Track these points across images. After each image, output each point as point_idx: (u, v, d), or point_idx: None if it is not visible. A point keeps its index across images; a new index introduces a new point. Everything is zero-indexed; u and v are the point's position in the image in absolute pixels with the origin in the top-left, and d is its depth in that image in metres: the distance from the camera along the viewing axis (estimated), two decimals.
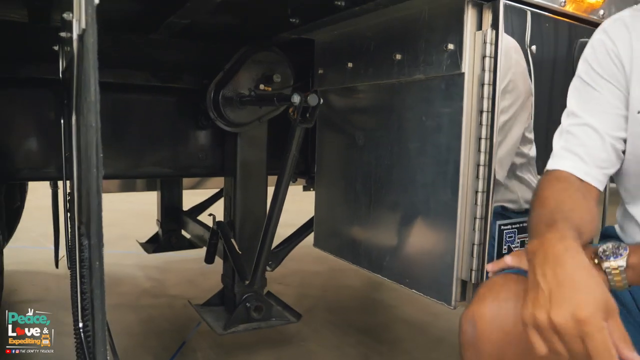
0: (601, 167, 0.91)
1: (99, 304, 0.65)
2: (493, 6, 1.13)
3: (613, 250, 0.78)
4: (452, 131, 1.17)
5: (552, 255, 0.70)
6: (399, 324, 2.53)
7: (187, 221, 2.51)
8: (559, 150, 0.95)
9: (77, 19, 0.66)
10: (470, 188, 1.14)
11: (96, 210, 0.64)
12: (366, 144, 1.48)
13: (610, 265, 0.77)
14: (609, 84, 0.92)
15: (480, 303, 0.81)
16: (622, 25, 0.92)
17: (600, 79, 0.93)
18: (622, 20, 0.93)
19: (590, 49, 0.96)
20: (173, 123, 1.96)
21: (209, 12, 1.42)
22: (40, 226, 3.71)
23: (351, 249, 1.54)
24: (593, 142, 0.91)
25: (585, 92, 0.94)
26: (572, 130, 0.94)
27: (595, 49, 0.94)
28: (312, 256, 3.34)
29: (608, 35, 0.93)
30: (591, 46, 0.96)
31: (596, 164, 0.91)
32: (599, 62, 0.93)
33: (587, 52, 0.96)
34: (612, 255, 0.78)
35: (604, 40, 0.93)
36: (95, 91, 0.62)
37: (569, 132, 0.94)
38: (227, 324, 1.76)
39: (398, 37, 1.33)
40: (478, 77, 1.13)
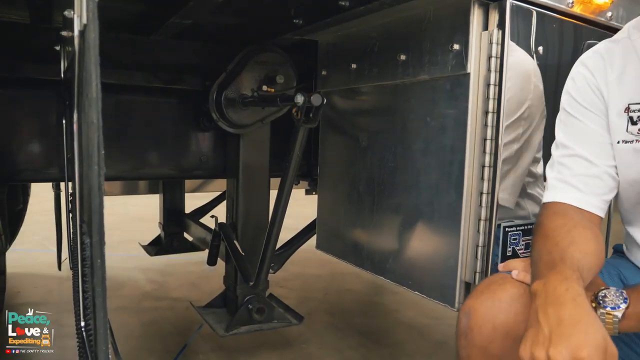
0: (598, 194, 0.92)
1: (101, 302, 0.64)
2: (499, 6, 1.12)
3: (613, 299, 0.81)
4: (457, 132, 1.16)
5: (553, 296, 0.72)
6: (401, 327, 2.51)
7: (189, 224, 2.51)
8: (553, 181, 0.96)
9: (79, 15, 0.66)
10: (475, 189, 1.13)
11: (97, 208, 0.63)
12: (370, 145, 1.47)
13: (607, 313, 0.80)
14: (592, 114, 0.94)
15: (476, 298, 0.88)
16: (599, 58, 0.96)
17: (583, 109, 0.95)
18: (599, 53, 0.97)
19: (571, 81, 0.99)
20: (175, 124, 1.95)
21: (211, 12, 1.41)
22: (43, 229, 3.70)
23: (354, 251, 1.53)
24: (587, 171, 0.93)
25: (571, 124, 0.96)
26: (564, 161, 0.95)
27: (576, 82, 0.97)
28: (314, 260, 3.32)
29: (587, 68, 0.96)
30: (572, 79, 0.99)
31: (593, 191, 0.92)
32: (581, 94, 0.96)
33: (569, 85, 0.99)
34: (610, 305, 0.81)
35: (584, 72, 0.97)
36: (96, 87, 0.61)
37: (560, 163, 0.96)
38: (229, 325, 1.75)
39: (403, 37, 1.32)
40: (484, 77, 1.12)
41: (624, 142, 0.91)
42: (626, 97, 0.91)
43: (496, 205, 1.11)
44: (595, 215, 0.92)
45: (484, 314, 0.85)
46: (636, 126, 0.90)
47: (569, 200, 0.92)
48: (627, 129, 0.91)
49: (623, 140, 0.91)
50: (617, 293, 0.82)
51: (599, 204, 0.92)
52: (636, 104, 0.90)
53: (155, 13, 1.57)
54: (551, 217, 0.91)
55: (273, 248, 1.63)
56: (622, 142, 0.92)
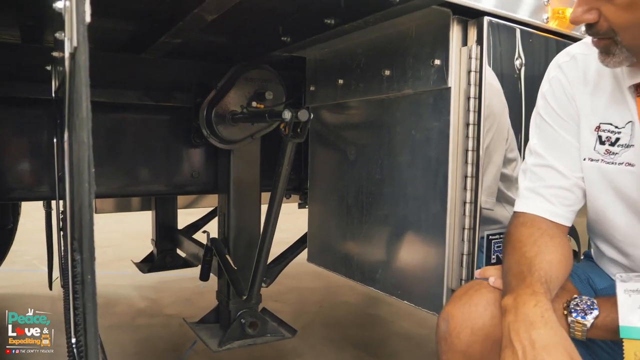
0: (567, 205, 0.95)
1: (91, 318, 0.65)
2: (477, 23, 1.16)
3: (584, 308, 0.85)
4: (441, 144, 1.19)
5: (523, 314, 0.77)
6: (396, 338, 2.52)
7: (182, 240, 2.51)
8: (524, 191, 0.98)
9: (69, 38, 0.68)
10: (458, 199, 1.15)
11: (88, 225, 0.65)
12: (357, 158, 1.50)
13: (576, 321, 0.84)
14: (567, 123, 0.95)
15: (454, 304, 0.91)
16: (575, 66, 0.96)
17: (559, 118, 0.96)
18: (575, 60, 0.96)
19: (548, 85, 0.99)
20: (166, 141, 1.97)
21: (200, 31, 1.44)
22: (34, 249, 3.69)
23: (344, 262, 1.54)
24: (558, 183, 0.95)
25: (545, 132, 0.98)
26: (536, 170, 0.97)
27: (553, 87, 0.98)
28: (308, 273, 3.33)
29: (564, 73, 0.96)
30: (548, 82, 0.99)
31: (562, 202, 0.94)
32: (557, 101, 0.96)
33: (545, 89, 0.99)
34: (580, 314, 0.85)
35: (560, 78, 0.97)
36: (86, 108, 0.63)
37: (533, 172, 0.98)
38: (222, 340, 1.75)
39: (387, 53, 1.36)
40: (464, 91, 1.15)
41: (590, 160, 0.93)
42: (598, 115, 0.92)
43: (479, 214, 1.13)
44: (563, 226, 0.94)
45: (461, 319, 0.88)
46: (603, 146, 0.91)
47: (538, 211, 0.94)
48: (594, 147, 0.92)
49: (589, 158, 0.93)
50: (589, 302, 0.85)
51: (567, 214, 0.95)
52: (606, 124, 0.91)
53: (146, 32, 1.60)
54: (519, 227, 0.93)
55: (265, 262, 1.65)
56: (588, 160, 0.93)
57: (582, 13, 0.78)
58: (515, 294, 0.80)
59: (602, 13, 0.77)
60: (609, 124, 0.90)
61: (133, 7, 1.35)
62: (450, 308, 0.91)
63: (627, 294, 0.83)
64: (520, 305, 0.78)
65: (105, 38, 1.70)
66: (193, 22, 1.34)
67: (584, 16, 0.78)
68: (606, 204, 0.93)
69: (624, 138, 0.88)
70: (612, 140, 0.90)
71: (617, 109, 0.89)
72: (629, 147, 0.88)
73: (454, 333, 0.88)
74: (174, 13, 1.32)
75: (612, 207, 0.92)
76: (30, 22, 1.50)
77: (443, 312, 0.92)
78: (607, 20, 0.77)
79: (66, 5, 0.67)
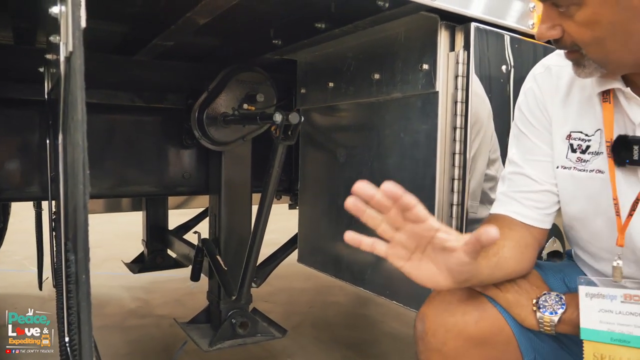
0: (539, 208, 0.97)
1: (86, 317, 0.66)
2: (465, 28, 1.19)
3: (552, 304, 0.88)
4: (429, 147, 1.21)
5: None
6: (386, 338, 2.54)
7: (172, 240, 2.51)
8: (499, 195, 1.02)
9: (64, 42, 0.69)
10: (445, 201, 1.18)
11: (82, 226, 0.66)
12: (347, 160, 1.52)
13: (544, 317, 0.88)
14: (541, 133, 0.98)
15: (429, 304, 0.94)
16: (548, 76, 0.98)
17: (533, 128, 0.99)
18: (549, 71, 0.99)
19: (523, 96, 1.02)
20: (158, 142, 1.98)
21: (192, 34, 1.46)
22: (23, 249, 3.67)
23: (334, 263, 1.57)
24: (530, 188, 0.98)
25: (521, 142, 1.01)
26: (512, 177, 1.00)
27: (528, 98, 1.00)
28: (299, 273, 3.35)
29: (538, 84, 0.99)
30: (524, 93, 1.02)
31: (534, 205, 0.97)
32: (531, 112, 0.99)
33: (521, 100, 1.02)
34: (549, 310, 0.88)
35: (534, 89, 0.99)
36: (82, 110, 0.65)
37: (509, 179, 1.01)
38: (212, 340, 1.77)
39: (376, 57, 1.39)
40: (451, 95, 1.18)
41: (563, 168, 0.95)
42: (569, 124, 0.94)
43: (466, 216, 1.16)
44: (535, 227, 0.97)
45: (436, 318, 0.91)
46: (575, 154, 0.93)
47: (509, 212, 0.97)
48: (566, 155, 0.94)
49: (562, 165, 0.95)
50: (557, 298, 0.89)
51: (539, 217, 0.97)
52: (577, 132, 0.93)
53: (139, 34, 1.61)
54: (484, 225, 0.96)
55: (254, 262, 1.67)
56: (561, 168, 0.95)
57: (546, 30, 0.81)
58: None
59: (564, 29, 0.79)
60: (579, 132, 0.93)
61: (126, 10, 1.36)
62: (425, 308, 0.94)
63: (589, 297, 0.86)
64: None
65: (97, 40, 1.70)
66: (185, 26, 1.35)
67: (548, 33, 0.81)
68: (579, 210, 0.95)
69: (594, 145, 0.91)
70: (582, 147, 0.92)
71: (587, 117, 0.92)
72: (598, 154, 0.90)
73: (430, 332, 0.91)
74: (167, 16, 1.33)
75: (585, 213, 0.94)
76: (23, 24, 1.50)
77: (419, 313, 0.95)
78: (570, 35, 0.80)
79: (62, 11, 0.69)
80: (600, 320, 0.85)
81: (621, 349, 0.82)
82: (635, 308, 0.82)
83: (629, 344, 0.82)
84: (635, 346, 0.81)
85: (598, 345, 0.84)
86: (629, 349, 0.81)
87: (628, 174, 0.86)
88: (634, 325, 0.82)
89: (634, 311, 0.82)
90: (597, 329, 0.84)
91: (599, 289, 0.86)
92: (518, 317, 0.91)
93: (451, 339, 0.89)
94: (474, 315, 0.91)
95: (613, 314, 0.84)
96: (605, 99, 0.88)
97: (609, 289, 0.86)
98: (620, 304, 0.84)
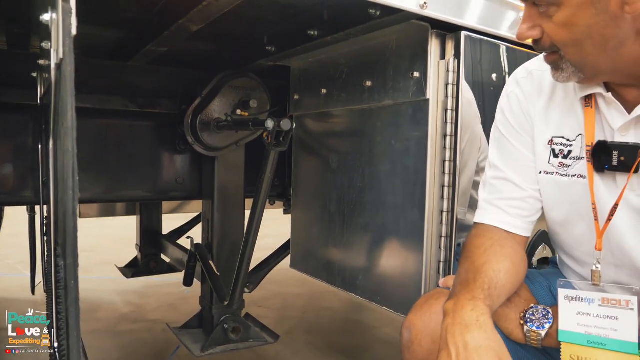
0: (523, 217, 0.98)
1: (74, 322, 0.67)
2: (455, 37, 1.20)
3: (539, 317, 0.89)
4: (419, 154, 1.22)
5: (460, 317, 0.79)
6: (379, 344, 2.54)
7: (166, 245, 2.51)
8: (483, 203, 1.01)
9: (55, 49, 0.69)
10: (436, 208, 1.19)
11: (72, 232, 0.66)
12: (340, 166, 1.53)
13: (531, 331, 0.88)
14: (523, 137, 0.98)
15: (416, 313, 0.93)
16: (530, 81, 0.98)
17: (515, 132, 0.99)
18: (532, 76, 0.99)
19: (505, 99, 1.02)
20: (152, 147, 1.98)
21: (186, 40, 1.46)
22: (16, 253, 3.65)
23: (326, 269, 1.57)
24: (514, 195, 0.98)
25: (503, 146, 1.00)
26: (495, 183, 1.00)
27: (510, 101, 1.00)
28: (293, 279, 3.35)
29: (521, 89, 0.99)
30: (507, 97, 1.02)
31: (518, 214, 0.97)
32: (514, 115, 0.99)
33: (503, 103, 1.02)
34: (536, 324, 0.88)
35: (518, 94, 0.99)
36: (72, 117, 0.65)
37: (491, 184, 1.01)
38: (204, 346, 1.76)
39: (368, 64, 1.40)
40: (442, 103, 1.19)
41: (546, 173, 0.95)
42: (551, 129, 0.95)
43: (456, 222, 1.17)
44: (519, 236, 0.97)
45: (422, 327, 0.90)
46: (557, 159, 0.93)
47: (493, 222, 0.97)
48: (549, 160, 0.95)
49: (545, 171, 0.95)
50: (544, 312, 0.89)
51: (523, 225, 0.97)
52: (559, 138, 0.93)
53: (132, 40, 1.61)
54: (473, 238, 0.96)
55: (247, 267, 1.67)
56: (543, 173, 0.95)
57: (526, 30, 0.82)
58: (456, 298, 0.83)
59: (544, 30, 0.81)
60: (561, 137, 0.93)
61: (119, 16, 1.37)
62: (412, 317, 0.93)
63: (567, 300, 0.87)
64: (459, 309, 0.80)
65: (92, 45, 1.71)
66: (178, 32, 1.36)
67: (528, 33, 0.82)
68: (562, 216, 0.96)
69: (575, 150, 0.91)
70: (564, 153, 0.93)
71: (569, 122, 0.92)
72: (580, 159, 0.91)
73: (416, 341, 0.91)
74: (160, 23, 1.34)
75: (568, 219, 0.95)
76: (17, 30, 1.51)
77: (406, 321, 0.95)
78: (549, 36, 0.81)
79: (53, 18, 0.69)
80: (578, 322, 0.85)
81: (597, 352, 0.83)
82: (612, 312, 0.83)
83: (605, 346, 0.82)
84: (611, 349, 0.82)
85: (575, 347, 0.84)
86: (605, 351, 0.82)
87: (607, 179, 0.87)
88: (610, 329, 0.83)
89: (611, 314, 0.83)
90: (575, 331, 0.85)
91: (577, 292, 0.87)
92: (506, 330, 0.91)
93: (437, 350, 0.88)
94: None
95: (591, 317, 0.85)
96: (587, 104, 0.89)
97: (587, 292, 0.87)
98: (597, 307, 0.85)
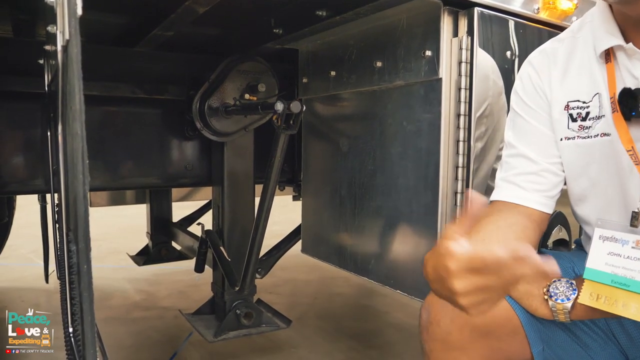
0: (540, 191, 0.96)
1: (88, 307, 0.66)
2: (468, 14, 1.17)
3: (563, 290, 0.85)
4: (432, 135, 1.20)
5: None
6: (390, 329, 2.54)
7: (176, 233, 2.52)
8: (498, 181, 1.00)
9: (61, 31, 0.68)
10: (449, 190, 1.17)
11: (83, 216, 0.66)
12: (350, 150, 1.51)
13: (557, 305, 0.85)
14: (536, 112, 0.98)
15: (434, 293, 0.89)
16: (544, 57, 0.99)
17: (529, 109, 0.98)
18: (544, 52, 1.00)
19: (519, 81, 1.02)
20: (160, 134, 1.97)
21: (192, 24, 1.45)
22: (30, 243, 3.69)
23: (337, 253, 1.56)
24: (529, 169, 0.96)
25: (518, 124, 1.00)
26: (510, 160, 0.99)
27: (523, 81, 1.01)
28: (303, 265, 3.36)
29: (533, 67, 1.00)
30: (520, 78, 1.02)
31: (534, 188, 0.96)
32: (527, 94, 0.99)
33: (517, 84, 1.02)
34: (561, 297, 0.85)
35: (530, 72, 1.00)
36: (80, 100, 0.64)
37: (507, 162, 1.00)
38: (217, 331, 1.77)
39: (378, 44, 1.37)
40: (455, 81, 1.17)
41: (566, 139, 0.94)
42: (567, 95, 0.94)
43: None
44: (536, 211, 0.95)
45: (441, 307, 0.89)
46: (576, 123, 0.93)
47: (508, 197, 0.96)
48: (568, 125, 0.94)
49: (565, 137, 0.94)
50: (567, 284, 0.86)
51: (540, 199, 0.95)
52: (574, 102, 0.93)
53: (138, 25, 1.60)
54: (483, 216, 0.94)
55: (257, 253, 1.66)
56: (564, 139, 0.94)
57: None
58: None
59: None
60: (576, 100, 0.93)
61: (125, 0, 1.35)
62: (431, 297, 0.92)
63: (601, 240, 0.85)
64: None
65: (97, 31, 1.70)
66: (185, 15, 1.34)
67: None
68: (591, 179, 0.93)
69: (594, 111, 0.90)
70: (582, 115, 0.92)
71: (583, 84, 0.91)
72: (599, 118, 0.90)
73: (435, 322, 0.90)
74: (166, 6, 1.32)
75: (597, 181, 0.93)
76: (22, 16, 1.50)
77: (425, 302, 0.94)
78: None
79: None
80: (606, 262, 0.83)
81: (619, 292, 0.81)
82: None
83: (629, 287, 0.80)
84: (634, 291, 0.80)
85: (597, 285, 0.82)
86: (627, 292, 0.80)
87: (634, 126, 0.85)
88: (638, 271, 0.81)
89: None
90: (601, 269, 0.83)
91: (613, 232, 0.85)
92: (530, 308, 0.89)
93: (456, 329, 0.88)
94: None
95: (621, 257, 0.83)
96: (607, 60, 0.88)
97: (623, 234, 0.84)
98: (630, 249, 0.83)
